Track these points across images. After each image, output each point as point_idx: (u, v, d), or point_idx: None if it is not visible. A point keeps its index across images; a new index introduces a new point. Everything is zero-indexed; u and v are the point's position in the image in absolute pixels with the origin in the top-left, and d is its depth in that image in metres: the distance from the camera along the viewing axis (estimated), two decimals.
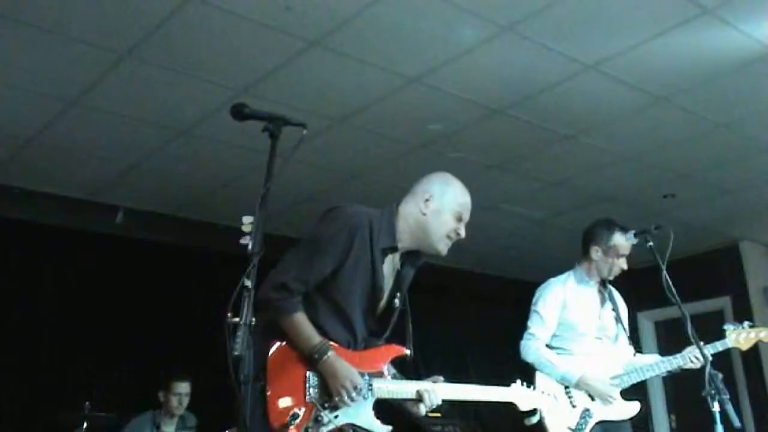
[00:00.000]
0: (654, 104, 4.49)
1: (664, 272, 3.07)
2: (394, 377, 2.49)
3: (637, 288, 6.12)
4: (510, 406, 2.81)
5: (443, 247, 2.50)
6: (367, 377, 2.38)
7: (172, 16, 3.52)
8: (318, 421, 2.26)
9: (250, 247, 1.96)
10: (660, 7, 3.55)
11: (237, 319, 1.87)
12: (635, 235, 3.28)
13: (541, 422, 3.48)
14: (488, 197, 6.02)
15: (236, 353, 1.82)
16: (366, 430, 2.38)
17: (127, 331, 5.53)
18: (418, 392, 2.44)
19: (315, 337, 2.30)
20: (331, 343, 2.33)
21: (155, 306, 5.66)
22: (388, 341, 2.53)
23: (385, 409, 2.43)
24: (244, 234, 2.04)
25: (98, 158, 5.07)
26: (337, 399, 2.29)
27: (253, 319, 1.89)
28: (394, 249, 2.46)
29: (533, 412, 3.47)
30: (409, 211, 2.48)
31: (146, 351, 5.45)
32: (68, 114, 4.43)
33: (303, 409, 2.25)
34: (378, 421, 2.39)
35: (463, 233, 2.51)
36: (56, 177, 5.35)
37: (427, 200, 2.47)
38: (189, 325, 5.49)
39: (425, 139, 4.91)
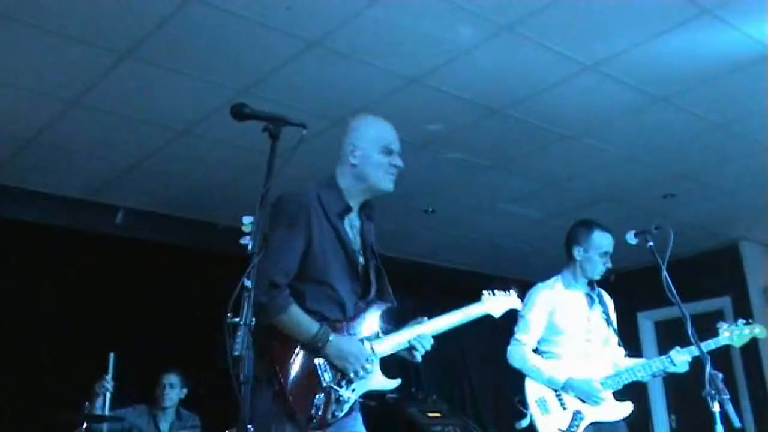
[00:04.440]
0: (654, 104, 4.49)
1: (664, 272, 3.07)
2: (386, 332, 2.54)
3: (637, 288, 6.14)
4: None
5: (387, 184, 2.57)
6: (367, 342, 2.44)
7: (172, 16, 3.52)
8: (340, 401, 2.33)
9: (250, 247, 1.97)
10: (660, 7, 3.55)
11: (237, 319, 1.87)
12: (635, 235, 3.28)
13: (532, 425, 3.50)
14: (488, 197, 6.02)
15: (236, 353, 1.82)
16: (379, 391, 2.46)
17: (127, 331, 5.53)
18: (410, 343, 2.52)
19: (313, 326, 2.33)
20: (329, 322, 2.37)
21: (155, 306, 5.66)
22: (375, 299, 2.57)
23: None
24: (244, 234, 2.05)
25: (98, 158, 5.07)
26: (352, 376, 2.35)
27: (254, 319, 1.90)
28: (348, 209, 2.53)
29: (523, 415, 3.51)
30: (343, 169, 2.58)
31: (146, 351, 5.45)
32: (68, 114, 4.43)
33: (323, 396, 2.30)
34: (385, 379, 2.47)
35: (399, 163, 2.59)
36: (56, 177, 5.34)
37: (352, 151, 2.55)
38: (189, 325, 5.49)
39: (425, 139, 4.91)
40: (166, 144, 4.88)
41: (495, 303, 2.90)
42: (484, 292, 2.91)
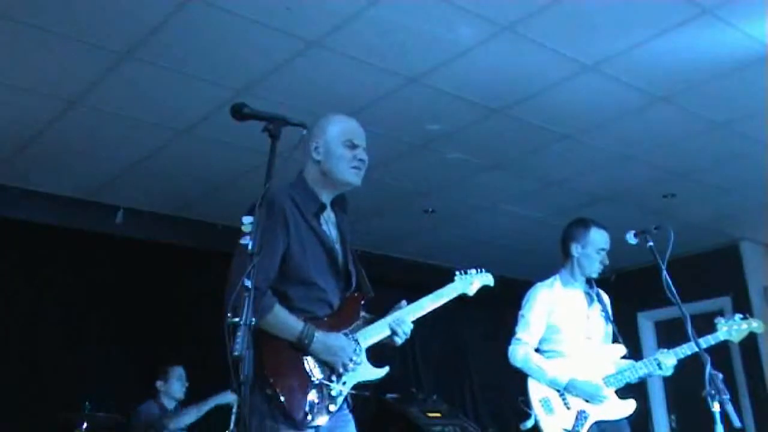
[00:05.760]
0: (654, 104, 4.49)
1: (664, 272, 3.07)
2: (368, 322, 2.55)
3: (637, 288, 6.13)
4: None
5: (354, 178, 2.56)
6: (351, 335, 2.46)
7: (172, 16, 3.52)
8: (333, 397, 2.34)
9: (250, 247, 1.97)
10: (660, 7, 3.55)
11: (237, 319, 1.87)
12: (635, 235, 3.28)
13: (537, 426, 3.49)
14: (488, 197, 6.02)
15: (236, 353, 1.82)
16: (370, 381, 2.47)
17: (127, 331, 5.54)
18: (390, 328, 2.52)
19: (298, 324, 2.33)
20: (315, 318, 2.38)
21: (155, 306, 5.66)
22: (355, 291, 2.58)
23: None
24: (244, 234, 2.05)
25: (98, 158, 5.07)
26: (341, 370, 2.37)
27: (253, 320, 1.90)
28: (323, 207, 2.54)
29: (527, 416, 3.51)
30: (309, 167, 2.57)
31: (146, 351, 5.45)
32: (68, 114, 4.43)
33: (316, 393, 2.31)
34: (374, 368, 2.48)
35: (364, 156, 2.57)
36: (56, 177, 5.35)
37: (315, 148, 2.55)
38: (189, 325, 5.49)
39: (425, 139, 4.91)
40: (166, 144, 4.88)
41: (468, 282, 2.94)
42: (457, 272, 2.93)
